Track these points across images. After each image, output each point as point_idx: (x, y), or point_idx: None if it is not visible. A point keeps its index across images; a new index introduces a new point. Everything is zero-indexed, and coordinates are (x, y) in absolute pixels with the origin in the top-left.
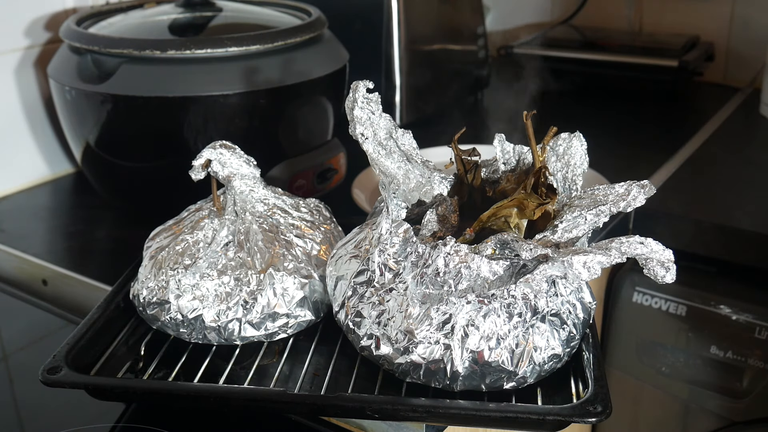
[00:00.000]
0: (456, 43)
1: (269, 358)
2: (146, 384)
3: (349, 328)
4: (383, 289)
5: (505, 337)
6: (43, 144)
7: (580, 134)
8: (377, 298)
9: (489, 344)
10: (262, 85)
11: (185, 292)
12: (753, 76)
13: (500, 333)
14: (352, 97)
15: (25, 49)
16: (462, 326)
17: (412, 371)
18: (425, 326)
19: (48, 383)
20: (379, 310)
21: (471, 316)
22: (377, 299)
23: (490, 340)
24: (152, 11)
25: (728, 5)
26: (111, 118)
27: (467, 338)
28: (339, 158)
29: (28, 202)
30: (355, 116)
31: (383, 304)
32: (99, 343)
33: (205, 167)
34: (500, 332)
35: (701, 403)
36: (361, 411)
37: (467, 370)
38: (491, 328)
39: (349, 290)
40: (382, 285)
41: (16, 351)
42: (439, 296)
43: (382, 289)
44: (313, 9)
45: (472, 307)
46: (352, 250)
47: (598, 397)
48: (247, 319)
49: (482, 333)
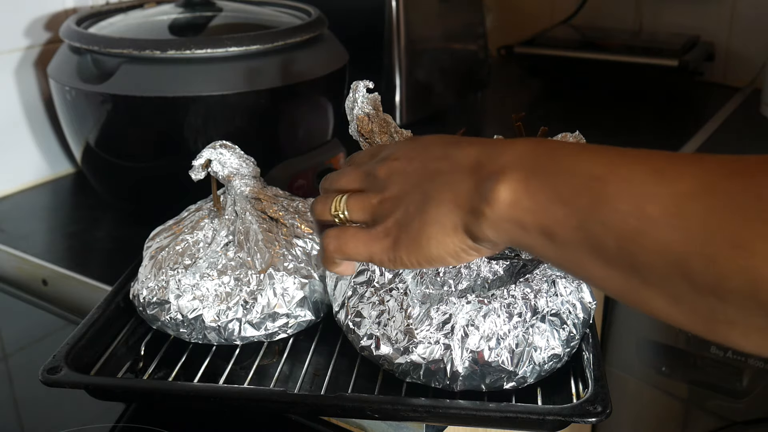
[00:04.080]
0: (456, 43)
1: (269, 358)
2: (146, 384)
3: (349, 328)
4: (383, 289)
5: (505, 337)
6: (43, 144)
7: (580, 134)
8: (377, 298)
9: (489, 344)
10: (262, 85)
11: (185, 292)
12: (753, 76)
13: (500, 333)
14: (352, 97)
15: (25, 49)
16: (462, 326)
17: (412, 371)
18: (425, 326)
19: (48, 383)
20: (379, 310)
21: (471, 316)
22: (377, 299)
23: (490, 340)
24: (152, 11)
25: (728, 5)
26: (111, 118)
27: (467, 338)
28: (339, 158)
29: (28, 202)
30: (355, 116)
31: (383, 304)
32: (99, 343)
33: (205, 167)
34: (500, 332)
35: (701, 403)
36: (361, 411)
37: (467, 370)
38: (491, 328)
39: (349, 290)
40: (382, 285)
41: (16, 351)
42: (439, 296)
43: (382, 289)
44: (313, 9)
45: (472, 307)
46: None
47: (598, 397)
48: (247, 319)
49: (482, 333)
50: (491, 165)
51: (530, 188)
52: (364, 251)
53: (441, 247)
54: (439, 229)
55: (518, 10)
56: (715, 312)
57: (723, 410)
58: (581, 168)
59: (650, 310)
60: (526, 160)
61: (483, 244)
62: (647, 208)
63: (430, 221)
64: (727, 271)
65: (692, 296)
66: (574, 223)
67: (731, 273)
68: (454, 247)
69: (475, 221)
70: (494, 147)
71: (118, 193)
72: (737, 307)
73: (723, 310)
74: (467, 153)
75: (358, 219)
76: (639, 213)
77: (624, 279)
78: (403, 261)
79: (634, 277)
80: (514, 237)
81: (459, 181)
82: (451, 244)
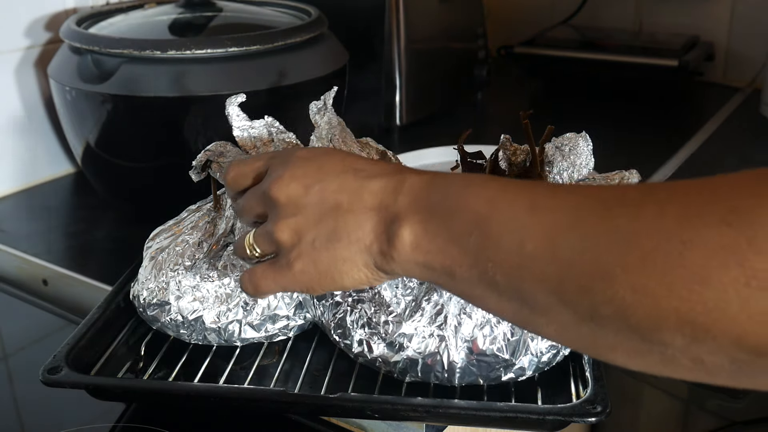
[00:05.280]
0: (456, 43)
1: (269, 358)
2: (146, 384)
3: (337, 341)
4: (347, 295)
5: (499, 324)
6: (43, 144)
7: (586, 134)
8: (347, 306)
9: (483, 332)
10: (262, 85)
11: (185, 293)
12: (753, 76)
13: (493, 320)
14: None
15: (25, 49)
16: (455, 315)
17: (409, 368)
18: (416, 318)
19: (48, 383)
20: (356, 316)
21: (462, 305)
22: (348, 306)
23: (484, 327)
24: (152, 11)
25: (728, 5)
26: (111, 118)
27: (460, 327)
28: None
29: (28, 202)
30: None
31: (356, 309)
32: (99, 343)
33: (205, 167)
34: (493, 319)
35: (701, 403)
36: (361, 411)
37: (464, 361)
38: (484, 315)
39: (318, 307)
40: (344, 291)
41: (16, 351)
42: (425, 287)
43: (347, 295)
44: (313, 9)
45: None
46: None
47: (598, 396)
48: (248, 321)
49: (475, 321)
50: (393, 207)
51: (429, 231)
52: (274, 286)
53: (354, 279)
54: (352, 266)
55: (518, 10)
56: (596, 337)
57: (723, 410)
58: (469, 206)
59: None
60: (422, 201)
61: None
62: (526, 244)
63: (341, 258)
64: (599, 301)
65: (575, 324)
66: (469, 261)
67: (602, 302)
68: (366, 278)
69: (385, 261)
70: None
71: (118, 193)
72: (614, 333)
73: (603, 335)
74: (370, 191)
75: (267, 251)
76: (519, 249)
77: (516, 309)
78: (314, 290)
79: (524, 307)
80: (421, 274)
81: (365, 222)
82: (363, 276)
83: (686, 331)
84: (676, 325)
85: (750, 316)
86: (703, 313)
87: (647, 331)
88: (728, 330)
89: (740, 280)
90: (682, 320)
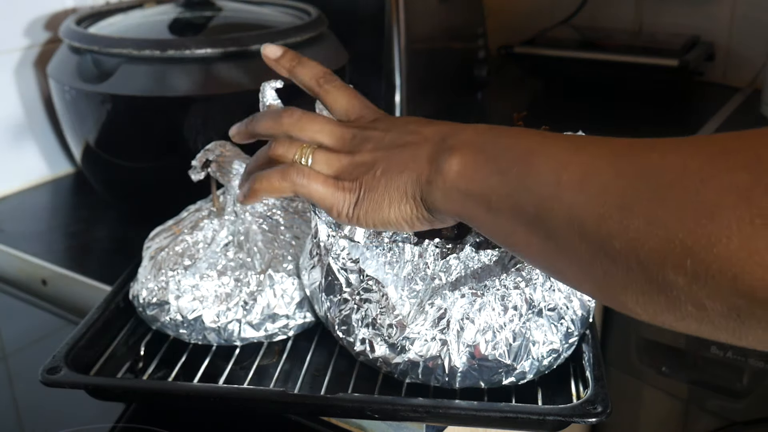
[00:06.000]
0: (456, 43)
1: (269, 358)
2: (146, 384)
3: (340, 337)
4: (356, 293)
5: (501, 330)
6: (43, 144)
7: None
8: (354, 304)
9: (485, 337)
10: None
11: (185, 292)
12: (753, 76)
13: (496, 326)
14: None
15: (25, 49)
16: (458, 320)
17: (410, 370)
18: (420, 322)
19: (48, 383)
20: (361, 315)
21: (466, 310)
22: (354, 304)
23: (486, 333)
24: (152, 11)
25: (728, 5)
26: (111, 118)
27: (463, 332)
28: None
29: (28, 202)
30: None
31: (362, 308)
32: (99, 344)
33: (205, 167)
34: (496, 325)
35: (701, 403)
36: (361, 411)
37: (465, 365)
38: (486, 321)
39: (326, 302)
40: (354, 289)
41: (16, 351)
42: (430, 290)
43: (355, 293)
44: (313, 9)
45: (467, 301)
46: (309, 261)
47: (598, 397)
48: (247, 320)
49: (478, 326)
50: (452, 140)
51: (477, 162)
52: (325, 195)
53: (399, 211)
54: (401, 195)
55: (518, 10)
56: (608, 274)
57: (723, 410)
58: (520, 144)
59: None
60: (478, 138)
61: (435, 215)
62: (563, 175)
63: (393, 186)
64: (614, 231)
65: (588, 258)
66: (506, 190)
67: (616, 233)
68: (410, 213)
69: (429, 190)
70: (460, 127)
71: (117, 193)
72: (625, 271)
73: (615, 272)
74: (437, 129)
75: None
76: (555, 179)
77: (542, 244)
78: (359, 219)
79: (549, 242)
80: (461, 204)
81: (422, 152)
82: (408, 210)
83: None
84: (679, 257)
85: (749, 254)
86: (705, 246)
87: (654, 266)
88: (726, 268)
89: (745, 217)
90: (685, 253)
